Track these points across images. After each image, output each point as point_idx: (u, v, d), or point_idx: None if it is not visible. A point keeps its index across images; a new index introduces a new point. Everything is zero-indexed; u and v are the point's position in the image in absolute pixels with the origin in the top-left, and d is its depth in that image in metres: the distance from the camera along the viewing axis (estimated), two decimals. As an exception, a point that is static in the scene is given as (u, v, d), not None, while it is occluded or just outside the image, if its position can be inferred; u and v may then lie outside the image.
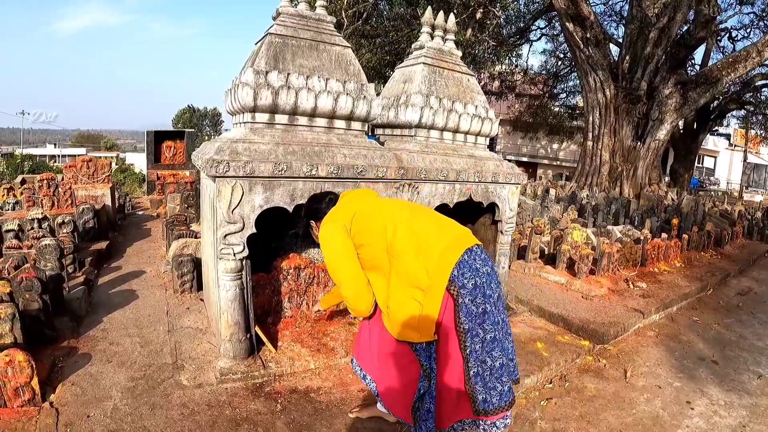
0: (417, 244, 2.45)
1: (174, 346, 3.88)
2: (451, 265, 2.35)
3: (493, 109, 4.93)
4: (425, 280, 2.37)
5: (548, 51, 27.75)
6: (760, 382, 4.50)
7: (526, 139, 35.68)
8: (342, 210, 2.77)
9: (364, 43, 18.59)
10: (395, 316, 2.50)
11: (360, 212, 2.69)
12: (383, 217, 2.61)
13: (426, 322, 2.41)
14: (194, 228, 6.52)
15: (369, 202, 2.83)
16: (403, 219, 2.56)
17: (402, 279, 2.46)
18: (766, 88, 25.81)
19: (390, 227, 2.53)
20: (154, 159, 13.29)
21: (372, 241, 2.58)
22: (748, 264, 9.51)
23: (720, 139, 44.48)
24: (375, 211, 2.70)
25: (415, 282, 2.40)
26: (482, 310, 2.39)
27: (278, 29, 3.79)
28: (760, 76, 23.99)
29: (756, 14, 23.60)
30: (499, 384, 2.47)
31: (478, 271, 2.38)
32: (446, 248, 2.40)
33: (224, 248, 3.36)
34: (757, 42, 15.65)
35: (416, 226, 2.53)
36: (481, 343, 2.40)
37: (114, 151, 58.88)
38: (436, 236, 2.47)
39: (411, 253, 2.44)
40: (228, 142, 3.41)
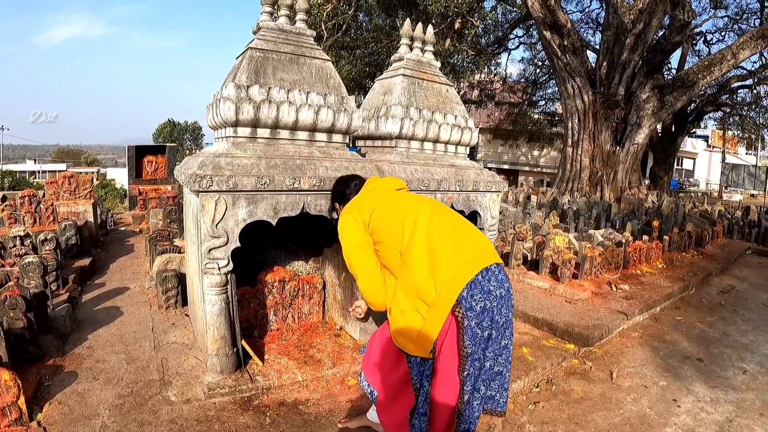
0: (431, 256, 2.35)
1: (161, 362, 3.86)
2: (461, 286, 2.25)
3: (472, 118, 4.98)
4: (432, 295, 2.28)
5: (526, 59, 28.11)
6: (745, 378, 4.56)
7: (507, 147, 35.93)
8: (363, 202, 2.73)
9: (344, 54, 18.67)
10: (396, 322, 2.45)
11: (380, 209, 2.62)
12: (402, 218, 2.51)
13: (425, 337, 2.32)
14: (178, 243, 6.49)
15: (391, 197, 2.74)
16: (422, 224, 2.45)
17: (409, 288, 2.38)
18: (742, 89, 26.28)
19: (408, 231, 2.45)
20: (136, 174, 13.21)
21: (388, 242, 2.52)
22: (729, 262, 9.65)
23: (698, 140, 45.11)
24: (395, 209, 2.59)
25: (422, 294, 2.32)
26: (487, 335, 2.31)
27: (259, 43, 3.82)
28: (736, 78, 24.38)
29: (730, 17, 24.07)
30: (481, 413, 2.45)
31: (489, 294, 2.28)
32: (460, 266, 2.29)
33: (209, 263, 3.36)
34: (731, 45, 15.92)
35: (435, 234, 2.41)
36: (479, 371, 2.34)
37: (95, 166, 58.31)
38: (452, 250, 2.35)
39: (424, 263, 2.35)
40: (211, 157, 3.42)
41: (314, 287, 4.42)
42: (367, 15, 19.61)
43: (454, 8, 15.05)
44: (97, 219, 8.53)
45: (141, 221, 10.35)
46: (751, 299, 7.31)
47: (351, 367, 3.81)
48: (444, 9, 15.04)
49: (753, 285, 8.24)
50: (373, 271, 2.60)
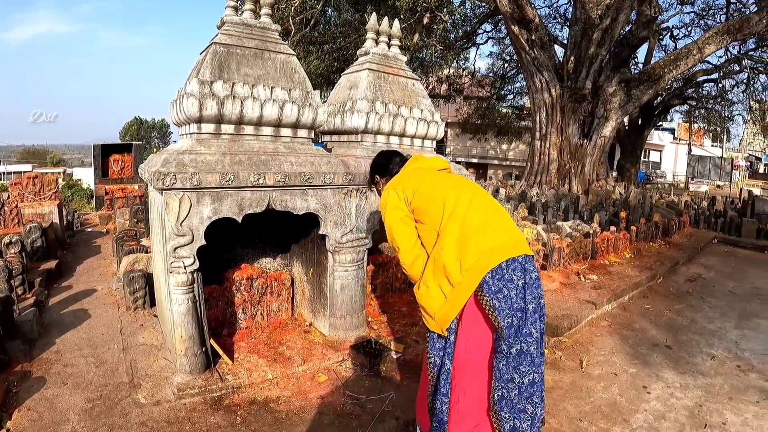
0: (462, 238, 2.41)
1: (129, 365, 3.80)
2: (485, 271, 2.32)
3: (440, 112, 4.99)
4: (457, 276, 2.35)
5: (495, 54, 28.12)
6: (713, 363, 4.66)
7: (476, 141, 36.03)
8: (408, 180, 2.74)
9: (313, 49, 18.53)
10: (421, 297, 2.51)
11: (422, 189, 2.65)
12: (443, 199, 2.55)
13: (444, 315, 2.40)
14: (145, 243, 6.40)
15: (434, 177, 2.77)
16: (461, 207, 2.49)
17: (438, 266, 2.43)
18: (707, 83, 26.76)
19: (447, 212, 2.50)
20: (102, 173, 12.97)
21: (428, 221, 2.57)
22: (696, 251, 9.83)
23: (665, 133, 45.83)
24: (437, 190, 2.63)
25: (448, 274, 2.38)
26: (508, 323, 2.31)
27: (223, 38, 3.77)
28: (702, 72, 24.80)
29: (696, 13, 24.47)
30: (530, 405, 2.40)
31: (510, 282, 2.34)
32: (487, 252, 2.36)
33: (174, 261, 3.32)
34: (697, 39, 16.15)
35: (470, 218, 2.46)
36: (505, 360, 2.34)
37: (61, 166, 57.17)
38: (482, 236, 2.41)
39: (454, 245, 2.41)
40: (174, 154, 3.37)
41: (282, 284, 4.39)
42: (335, 10, 19.50)
43: (422, 3, 15.04)
44: (63, 220, 8.37)
45: (108, 221, 10.18)
46: (718, 287, 7.45)
47: (321, 363, 3.81)
48: (412, 4, 15.03)
49: (719, 273, 8.40)
50: (414, 244, 2.64)
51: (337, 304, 4.18)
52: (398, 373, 3.82)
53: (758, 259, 9.99)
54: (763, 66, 23.35)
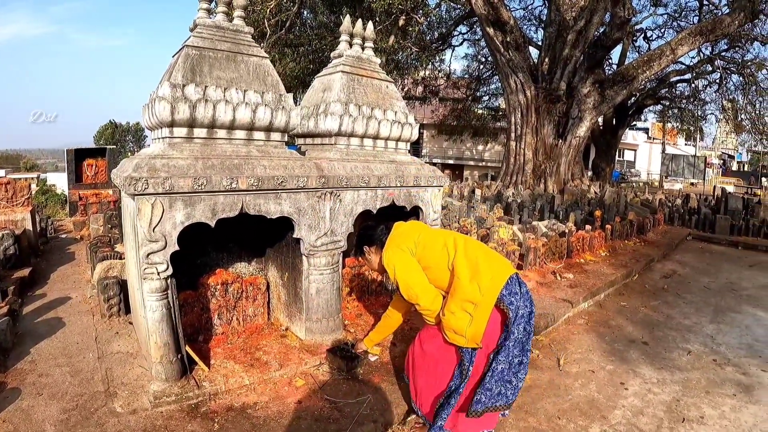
0: (472, 267, 2.94)
1: (105, 373, 3.75)
2: (500, 286, 2.87)
3: (416, 114, 5.00)
4: (478, 296, 2.85)
5: (470, 55, 28.30)
6: (690, 358, 4.74)
7: (452, 142, 36.09)
8: (405, 237, 3.23)
9: (288, 51, 18.41)
10: (448, 323, 2.94)
11: (422, 238, 3.19)
12: (444, 242, 3.12)
13: (474, 331, 2.87)
14: (119, 249, 6.31)
15: (426, 230, 3.34)
16: (459, 246, 3.05)
17: (459, 293, 2.91)
18: (680, 83, 27.17)
19: (450, 250, 3.05)
20: (76, 178, 12.78)
21: (435, 264, 3.08)
22: (670, 248, 9.99)
23: (639, 133, 46.37)
24: (434, 238, 3.19)
25: (469, 297, 2.87)
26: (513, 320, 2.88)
27: (195, 41, 3.73)
28: (675, 72, 25.21)
29: (669, 15, 24.86)
30: (514, 379, 2.97)
31: (516, 294, 2.90)
32: (496, 273, 2.91)
33: (147, 268, 3.28)
34: (671, 41, 16.40)
35: (470, 252, 3.02)
36: (513, 342, 2.90)
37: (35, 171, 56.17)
38: (486, 263, 2.96)
39: (467, 273, 2.92)
40: (146, 159, 3.33)
41: (258, 288, 4.37)
42: (311, 12, 19.44)
43: (398, 5, 15.04)
44: (37, 227, 8.23)
45: (82, 227, 10.02)
46: (693, 283, 7.58)
47: (298, 368, 3.79)
48: (388, 6, 15.02)
49: (694, 269, 8.54)
50: (429, 287, 3.09)
51: (313, 307, 4.16)
52: (376, 376, 3.81)
53: (732, 255, 10.18)
54: (735, 66, 23.76)
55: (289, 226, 4.00)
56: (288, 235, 4.14)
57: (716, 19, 16.16)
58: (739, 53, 23.35)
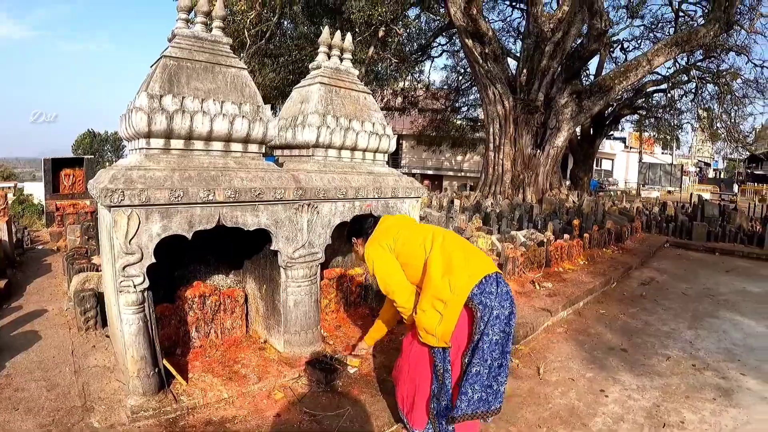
0: (446, 265, 2.91)
1: (82, 388, 3.69)
2: (471, 286, 2.82)
3: (394, 125, 5.02)
4: (448, 294, 2.82)
5: (449, 66, 28.52)
6: (669, 363, 4.79)
7: (431, 153, 36.26)
8: (385, 233, 3.25)
9: (268, 62, 18.39)
10: (419, 321, 2.94)
11: (400, 235, 3.19)
12: (422, 239, 3.10)
13: (444, 330, 2.84)
14: (96, 261, 6.24)
15: (408, 226, 3.32)
16: (437, 241, 3.03)
17: (430, 290, 2.90)
18: (657, 93, 27.59)
19: (427, 247, 3.03)
20: (53, 188, 12.63)
21: (412, 260, 3.08)
22: (648, 256, 10.11)
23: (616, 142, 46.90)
24: (413, 234, 3.18)
25: (440, 295, 2.84)
26: (487, 321, 2.82)
27: (173, 51, 3.72)
28: (651, 83, 25.62)
29: (646, 26, 25.31)
30: (495, 383, 2.90)
31: (490, 294, 2.84)
32: (470, 272, 2.86)
33: (124, 280, 3.24)
34: (647, 52, 16.69)
35: (447, 248, 2.99)
36: (488, 344, 2.84)
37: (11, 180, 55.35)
38: (462, 260, 2.92)
39: (440, 271, 2.90)
40: (123, 170, 3.31)
41: (236, 301, 4.34)
42: (291, 22, 19.43)
43: (378, 17, 15.10)
44: (13, 237, 8.11)
45: (59, 238, 9.89)
46: (671, 289, 7.67)
47: (277, 381, 3.76)
48: (368, 17, 15.07)
49: (672, 276, 8.65)
50: (404, 283, 3.14)
51: (292, 320, 4.14)
52: (355, 388, 3.80)
53: (709, 261, 10.33)
54: (710, 76, 24.20)
55: (266, 238, 3.98)
56: (266, 247, 4.12)
57: (692, 30, 16.46)
58: (715, 63, 23.81)
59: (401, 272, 3.13)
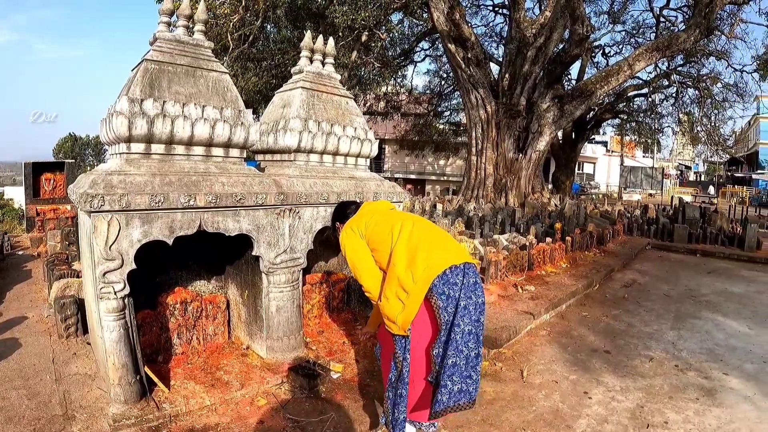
0: (410, 254, 2.95)
1: (63, 396, 3.64)
2: (433, 277, 2.85)
3: (377, 129, 5.03)
4: (410, 284, 2.87)
5: (432, 71, 28.65)
6: (652, 364, 4.81)
7: (413, 157, 36.38)
8: (358, 219, 3.32)
9: (251, 66, 18.33)
10: (383, 308, 2.99)
11: (371, 221, 3.24)
12: (390, 226, 3.14)
13: (404, 319, 2.90)
14: (76, 267, 6.17)
15: (381, 212, 3.35)
16: (405, 230, 3.07)
17: (393, 279, 2.95)
18: (638, 98, 27.97)
19: (395, 235, 3.07)
20: (33, 193, 12.48)
21: (380, 247, 3.12)
22: (630, 258, 10.19)
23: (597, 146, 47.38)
24: (384, 221, 3.22)
25: (402, 284, 2.90)
26: (451, 319, 2.85)
27: (155, 55, 3.69)
28: (632, 87, 25.97)
29: (627, 31, 25.68)
30: (474, 373, 2.92)
31: (454, 285, 2.86)
32: (433, 263, 2.88)
33: (104, 287, 3.21)
34: (628, 56, 16.89)
35: (414, 238, 3.03)
36: (461, 334, 2.86)
37: (-9, 184, 54.65)
38: (427, 251, 2.94)
39: (404, 260, 2.95)
40: (103, 175, 3.28)
41: (218, 307, 4.31)
42: (275, 26, 19.39)
43: (361, 21, 15.11)
44: (-9, 243, 8.01)
45: (39, 244, 9.77)
46: (653, 291, 7.73)
47: (260, 387, 3.74)
48: (351, 22, 15.06)
49: (654, 277, 8.72)
50: (371, 268, 3.17)
51: (274, 325, 4.12)
52: (338, 393, 3.79)
53: (690, 263, 10.44)
54: (690, 80, 24.55)
55: (248, 243, 3.97)
56: (247, 252, 4.11)
57: (672, 35, 16.67)
58: (695, 68, 24.20)
59: (370, 257, 3.19)
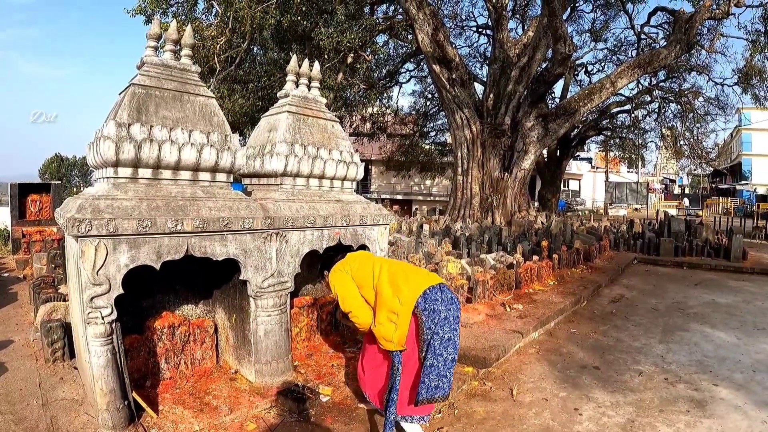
0: (393, 283, 3.44)
1: (50, 421, 3.60)
2: (416, 297, 3.32)
3: (363, 150, 5.08)
4: (398, 306, 3.33)
5: (417, 92, 28.94)
6: (642, 379, 4.84)
7: (400, 178, 36.47)
8: (344, 262, 3.80)
9: (237, 88, 18.34)
10: (378, 332, 3.42)
11: (355, 264, 3.73)
12: (371, 266, 3.64)
13: (400, 336, 3.32)
14: (63, 290, 6.12)
15: (361, 258, 3.83)
16: (383, 271, 3.55)
17: (384, 306, 3.42)
18: (621, 114, 28.32)
19: (375, 273, 3.57)
20: (19, 214, 12.39)
21: (365, 284, 3.59)
22: (617, 273, 10.26)
23: (582, 163, 47.83)
24: (365, 262, 3.73)
25: (391, 308, 3.36)
26: (434, 330, 3.31)
27: (142, 79, 3.72)
28: (615, 104, 26.35)
29: (609, 49, 26.05)
30: (449, 374, 3.36)
31: (435, 301, 3.34)
32: (414, 287, 3.37)
33: (91, 312, 3.19)
34: (610, 74, 17.11)
35: (392, 271, 3.54)
36: (439, 341, 3.30)
37: (-23, 205, 53.99)
38: (405, 281, 3.43)
39: (390, 291, 3.42)
40: (90, 199, 3.28)
41: (205, 331, 4.29)
42: (261, 48, 19.46)
43: (346, 43, 15.20)
44: (-24, 267, 7.92)
45: (25, 266, 9.68)
46: (641, 305, 7.79)
47: (249, 412, 3.72)
48: (336, 44, 15.15)
49: (641, 292, 8.79)
50: (361, 303, 3.61)
51: (262, 349, 4.11)
52: (328, 417, 3.77)
53: (677, 276, 10.54)
54: (672, 95, 24.92)
55: (235, 267, 3.97)
56: (235, 276, 4.10)
57: (654, 52, 16.92)
58: (677, 83, 24.60)
59: (357, 293, 3.62)
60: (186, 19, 15.26)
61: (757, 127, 45.96)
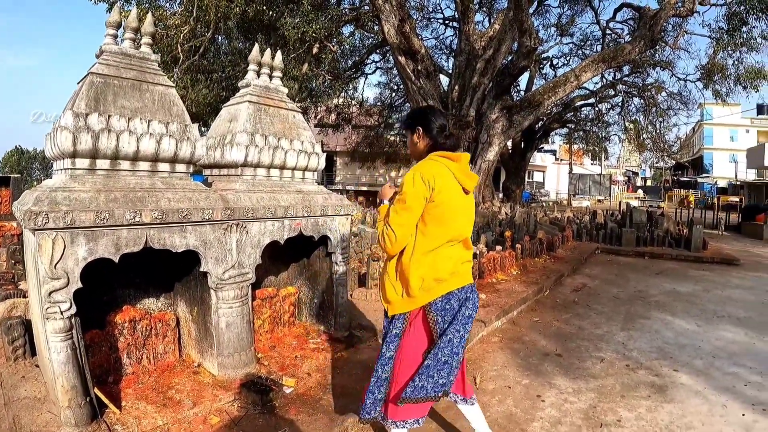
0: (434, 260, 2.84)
1: (12, 421, 3.51)
2: (437, 295, 2.85)
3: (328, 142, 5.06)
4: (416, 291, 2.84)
5: (383, 83, 29.09)
6: (603, 365, 4.95)
7: (365, 169, 36.54)
8: (432, 165, 2.89)
9: (201, 78, 18.12)
10: (386, 277, 2.99)
11: (441, 175, 2.83)
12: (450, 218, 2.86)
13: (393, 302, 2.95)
14: (23, 287, 5.99)
15: (455, 190, 2.91)
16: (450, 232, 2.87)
17: (408, 268, 2.84)
18: (585, 107, 28.80)
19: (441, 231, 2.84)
20: (-23, 210, 12.10)
21: (429, 221, 2.84)
22: (580, 263, 10.46)
23: (547, 155, 48.50)
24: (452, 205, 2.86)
25: (409, 285, 2.84)
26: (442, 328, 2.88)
27: (100, 68, 3.63)
28: (580, 97, 26.79)
29: (575, 44, 26.42)
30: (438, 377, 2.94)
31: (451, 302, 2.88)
32: (444, 281, 2.86)
33: (50, 307, 3.13)
34: (575, 68, 17.38)
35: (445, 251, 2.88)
36: (451, 342, 2.87)
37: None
38: (449, 263, 2.87)
39: (426, 261, 2.83)
40: (47, 191, 3.20)
41: (167, 325, 4.24)
42: (226, 38, 19.28)
43: (312, 33, 15.13)
44: (-68, 263, 7.69)
45: (-18, 264, 9.44)
46: (603, 294, 7.97)
47: (212, 405, 3.69)
48: (302, 34, 15.07)
49: (603, 281, 8.98)
50: (409, 224, 2.84)
51: (224, 342, 4.08)
52: (292, 408, 3.76)
53: (639, 265, 10.78)
54: (636, 90, 25.44)
55: (196, 259, 3.91)
56: (195, 268, 4.05)
57: (618, 47, 17.24)
58: (641, 78, 25.09)
59: (417, 213, 2.82)
60: (149, 8, 15.01)
61: (718, 122, 47.36)
